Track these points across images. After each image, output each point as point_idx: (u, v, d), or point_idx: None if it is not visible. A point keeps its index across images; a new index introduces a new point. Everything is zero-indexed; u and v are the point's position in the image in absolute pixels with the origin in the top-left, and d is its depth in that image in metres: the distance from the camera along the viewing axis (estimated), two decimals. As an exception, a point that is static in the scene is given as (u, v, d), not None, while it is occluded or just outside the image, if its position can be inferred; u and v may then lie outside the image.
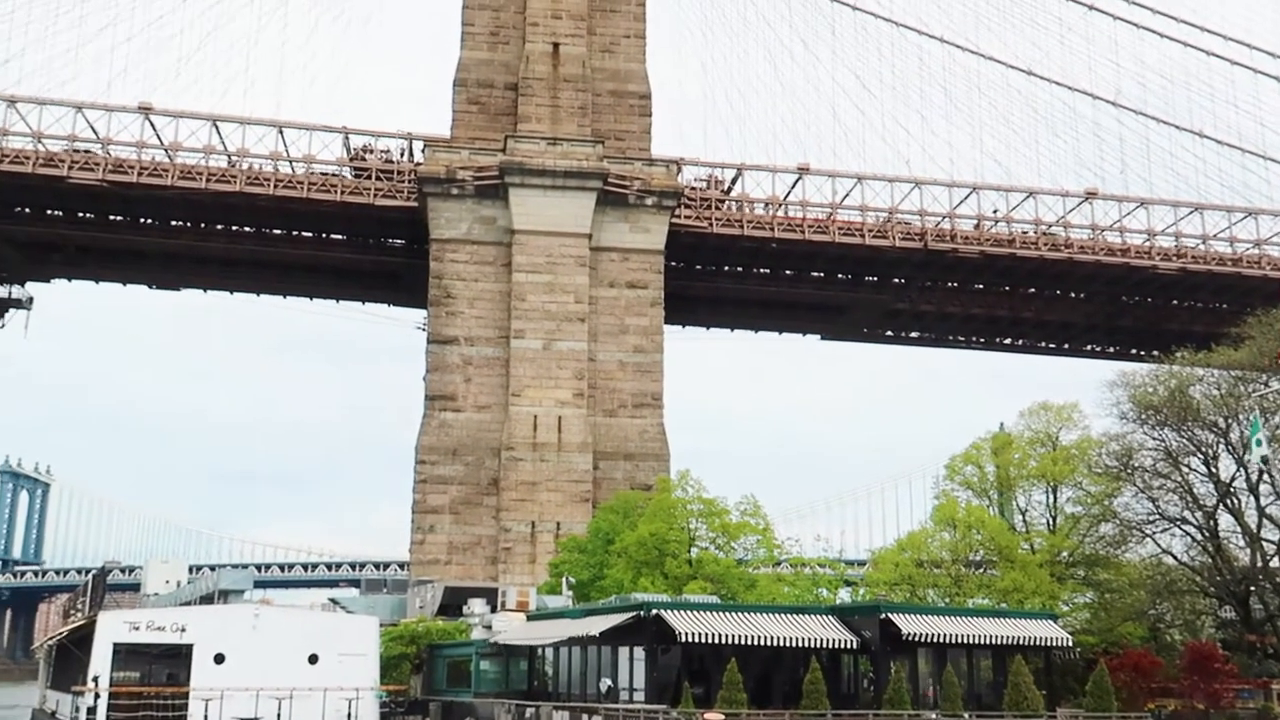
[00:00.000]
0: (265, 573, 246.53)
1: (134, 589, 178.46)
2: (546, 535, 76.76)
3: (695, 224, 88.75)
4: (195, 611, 41.52)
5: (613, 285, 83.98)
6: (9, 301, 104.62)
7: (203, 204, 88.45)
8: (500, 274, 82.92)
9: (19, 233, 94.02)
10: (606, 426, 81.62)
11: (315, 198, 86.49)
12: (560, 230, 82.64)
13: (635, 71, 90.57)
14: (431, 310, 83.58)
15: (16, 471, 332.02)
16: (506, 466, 78.90)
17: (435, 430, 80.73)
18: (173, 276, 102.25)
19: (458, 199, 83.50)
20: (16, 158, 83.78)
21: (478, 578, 74.62)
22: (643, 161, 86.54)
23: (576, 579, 57.37)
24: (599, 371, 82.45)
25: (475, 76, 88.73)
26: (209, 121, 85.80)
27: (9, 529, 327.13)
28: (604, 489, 78.20)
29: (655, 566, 55.11)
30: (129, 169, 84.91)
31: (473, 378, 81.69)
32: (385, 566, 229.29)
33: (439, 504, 79.26)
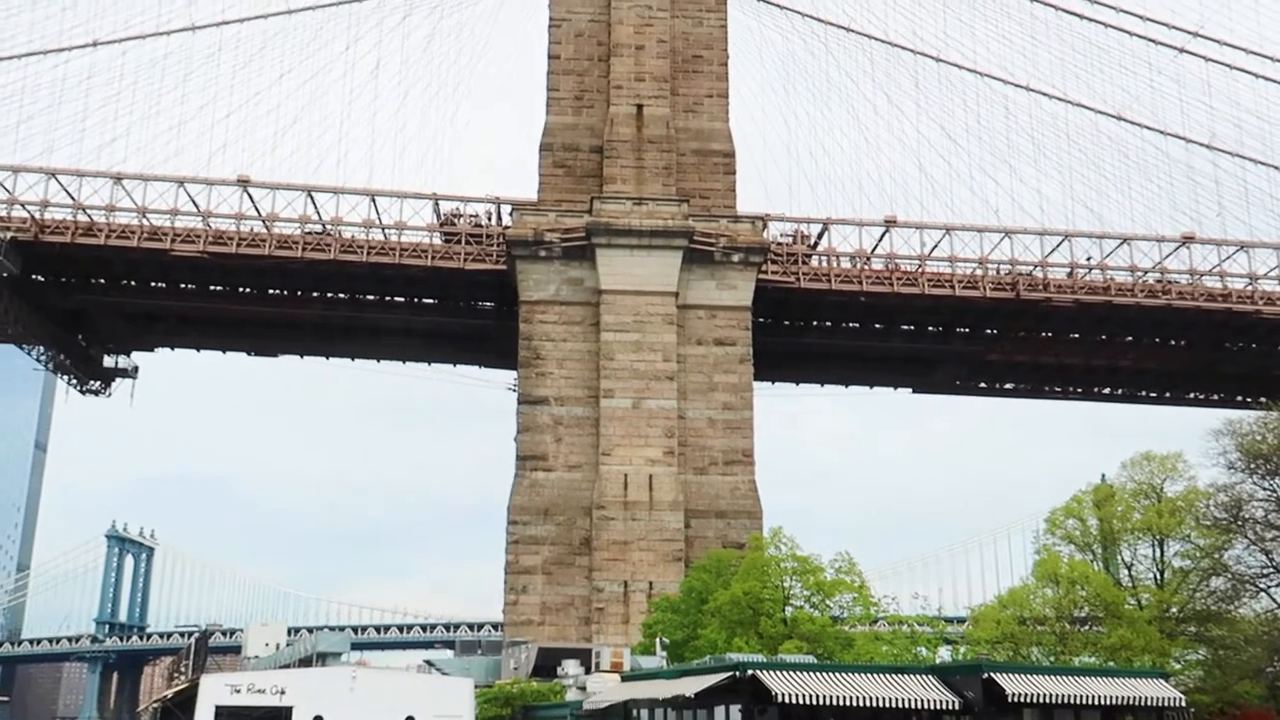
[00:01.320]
0: (362, 635, 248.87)
1: (235, 651, 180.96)
2: (639, 595, 76.29)
3: (782, 279, 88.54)
4: (294, 674, 41.91)
5: (701, 343, 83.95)
6: (116, 371, 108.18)
7: (299, 272, 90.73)
8: (589, 334, 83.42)
9: (125, 304, 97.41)
10: (698, 484, 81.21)
11: (407, 263, 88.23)
12: (647, 289, 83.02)
13: (718, 130, 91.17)
14: (521, 371, 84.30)
15: (123, 536, 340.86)
16: (598, 526, 78.79)
17: (527, 490, 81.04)
18: (270, 343, 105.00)
19: (545, 261, 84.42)
20: (123, 232, 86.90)
21: (571, 638, 74.37)
22: (728, 219, 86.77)
23: (670, 639, 56.84)
24: (689, 429, 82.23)
25: (561, 140, 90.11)
26: (304, 192, 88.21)
27: (115, 593, 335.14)
28: (696, 547, 77.65)
29: (750, 626, 54.40)
30: (228, 240, 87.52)
31: (563, 437, 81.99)
32: (479, 627, 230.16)
33: (532, 564, 79.35)
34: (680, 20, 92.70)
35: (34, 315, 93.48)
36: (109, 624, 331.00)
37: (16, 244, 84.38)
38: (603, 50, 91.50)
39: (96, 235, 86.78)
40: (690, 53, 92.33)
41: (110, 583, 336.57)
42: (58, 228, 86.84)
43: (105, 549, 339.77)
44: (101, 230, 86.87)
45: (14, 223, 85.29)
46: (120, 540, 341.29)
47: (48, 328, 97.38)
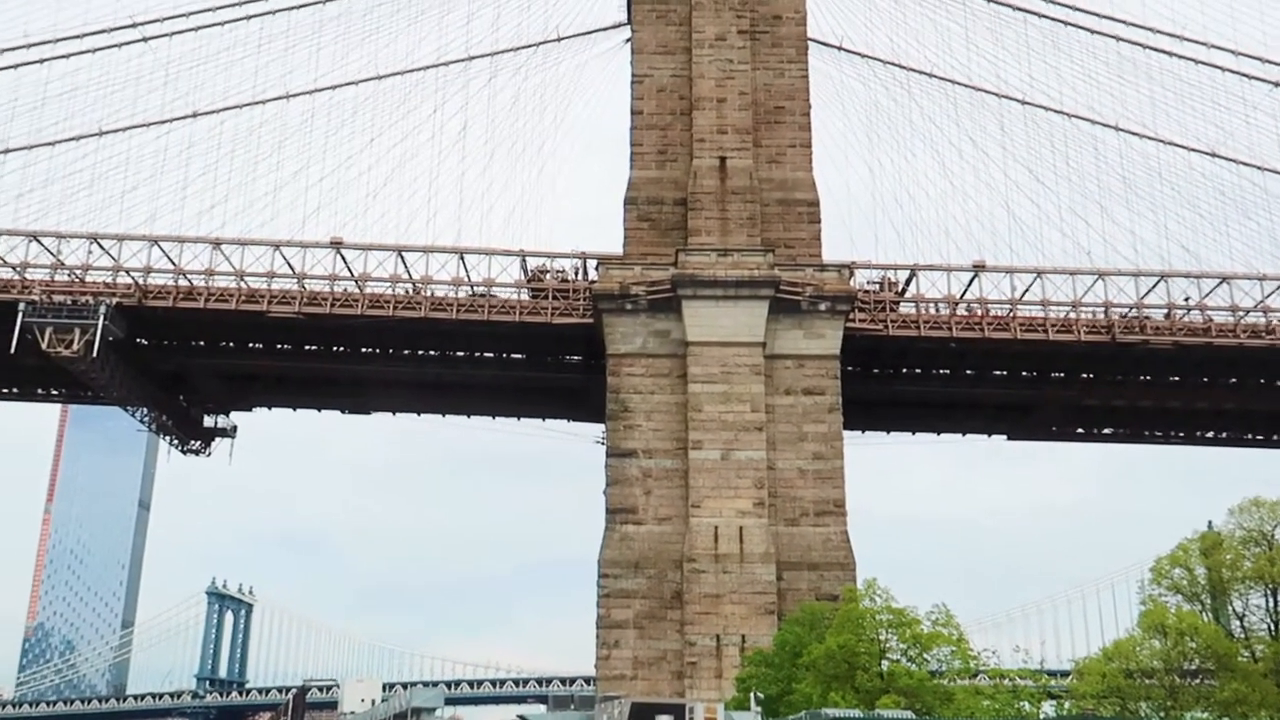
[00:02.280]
0: (455, 689, 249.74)
1: (331, 707, 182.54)
2: (732, 649, 75.39)
3: (870, 327, 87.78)
4: (389, 730, 42.09)
5: (789, 393, 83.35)
6: (215, 430, 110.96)
7: (391, 330, 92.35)
8: (676, 386, 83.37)
9: (224, 365, 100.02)
10: (789, 536, 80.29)
11: (495, 319, 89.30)
12: (734, 340, 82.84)
13: (802, 179, 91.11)
14: (610, 424, 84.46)
15: (222, 593, 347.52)
16: (689, 579, 78.21)
17: (617, 544, 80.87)
18: (364, 401, 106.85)
19: (632, 314, 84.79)
20: (222, 296, 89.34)
21: (664, 693, 73.72)
22: (814, 267, 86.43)
23: (764, 693, 56.06)
24: (779, 480, 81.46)
25: (645, 194, 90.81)
26: (395, 252, 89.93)
27: (216, 648, 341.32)
28: (789, 600, 76.64)
29: (845, 680, 53.41)
30: (322, 301, 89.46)
31: (652, 490, 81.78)
32: (571, 681, 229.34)
33: (623, 618, 78.95)
34: (761, 72, 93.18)
35: (137, 378, 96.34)
36: (210, 679, 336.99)
37: (122, 309, 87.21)
38: (685, 104, 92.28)
39: (196, 299, 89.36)
40: (772, 104, 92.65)
41: (211, 639, 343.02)
42: (160, 293, 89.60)
43: (206, 605, 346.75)
44: (201, 294, 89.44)
45: (119, 289, 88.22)
46: (220, 597, 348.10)
47: (150, 389, 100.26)
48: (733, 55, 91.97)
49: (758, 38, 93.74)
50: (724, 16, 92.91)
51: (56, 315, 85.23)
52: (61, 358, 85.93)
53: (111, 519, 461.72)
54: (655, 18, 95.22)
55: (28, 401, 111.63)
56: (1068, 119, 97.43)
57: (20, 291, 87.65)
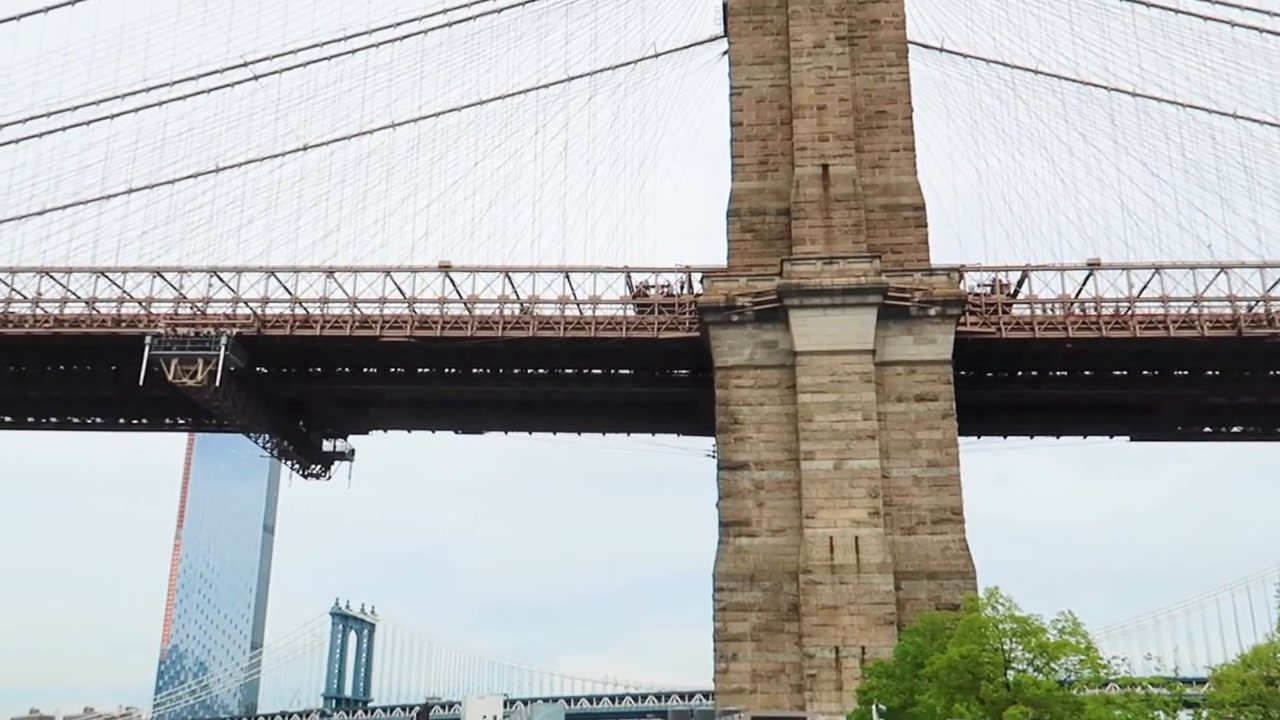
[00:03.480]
0: (575, 705, 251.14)
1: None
2: (852, 660, 74.43)
3: (982, 330, 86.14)
4: (512, 746, 42.50)
5: (901, 400, 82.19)
6: (334, 454, 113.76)
7: (500, 351, 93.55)
8: (785, 396, 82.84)
9: (340, 391, 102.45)
10: (906, 545, 79.08)
11: (602, 336, 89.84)
12: (843, 348, 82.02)
13: (907, 184, 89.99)
14: (720, 437, 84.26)
15: (345, 613, 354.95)
16: (805, 591, 77.51)
17: (731, 557, 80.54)
18: (476, 421, 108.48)
19: (738, 325, 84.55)
20: (336, 323, 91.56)
21: (784, 706, 73.13)
22: (922, 272, 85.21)
23: (886, 705, 55.26)
24: (893, 489, 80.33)
25: (748, 205, 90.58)
26: (502, 273, 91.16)
27: (340, 668, 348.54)
28: (908, 610, 75.41)
29: (970, 691, 52.35)
30: (433, 324, 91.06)
31: (765, 502, 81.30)
32: (690, 696, 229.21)
33: (740, 631, 78.53)
34: (862, 77, 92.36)
35: (259, 405, 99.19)
36: (336, 698, 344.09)
37: (242, 339, 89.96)
38: (785, 114, 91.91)
39: (312, 327, 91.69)
40: (873, 109, 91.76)
41: (335, 658, 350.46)
42: (277, 322, 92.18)
43: (330, 626, 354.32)
44: (317, 322, 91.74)
45: (239, 320, 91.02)
46: (344, 617, 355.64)
47: (271, 416, 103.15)
48: (831, 62, 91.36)
49: (856, 43, 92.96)
50: (821, 24, 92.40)
51: (181, 347, 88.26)
52: (187, 388, 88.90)
53: (238, 543, 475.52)
54: (752, 29, 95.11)
55: (157, 431, 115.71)
56: (1182, 109, 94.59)
57: (146, 325, 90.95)
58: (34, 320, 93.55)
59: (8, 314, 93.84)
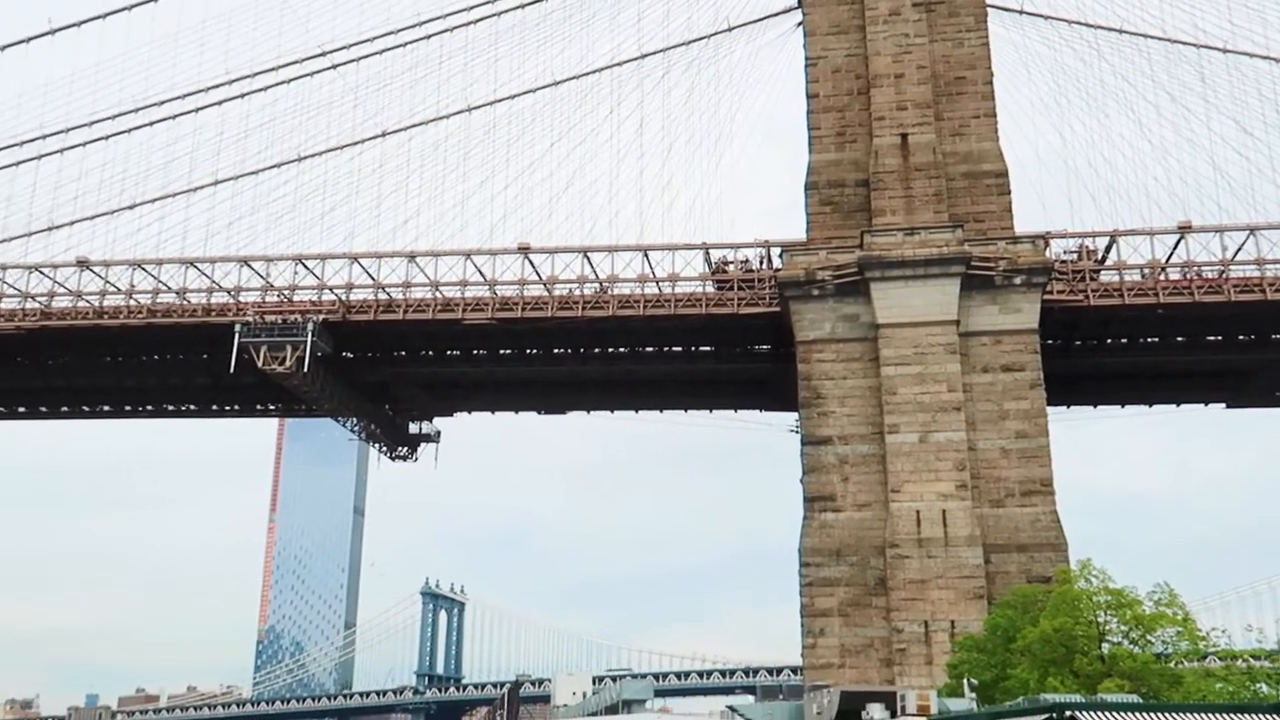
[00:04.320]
0: (663, 681, 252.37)
1: (544, 700, 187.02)
2: (941, 635, 73.76)
3: (1069, 298, 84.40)
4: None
5: (986, 370, 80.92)
6: (420, 437, 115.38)
7: (580, 331, 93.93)
8: (868, 370, 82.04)
9: (424, 374, 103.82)
10: (994, 518, 77.97)
11: (682, 313, 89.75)
12: (926, 320, 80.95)
13: (988, 150, 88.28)
14: (803, 412, 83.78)
15: (435, 593, 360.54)
16: (892, 565, 76.90)
17: (817, 532, 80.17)
18: (558, 401, 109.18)
19: (819, 299, 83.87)
20: (419, 306, 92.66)
21: (873, 681, 72.74)
22: (1006, 240, 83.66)
23: (977, 680, 54.63)
24: (980, 461, 79.21)
25: (826, 177, 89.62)
26: (580, 253, 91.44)
27: (432, 646, 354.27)
28: (998, 583, 74.47)
29: (1063, 665, 51.58)
30: (513, 306, 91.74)
31: (850, 476, 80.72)
32: (778, 672, 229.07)
33: (827, 607, 78.24)
34: (940, 44, 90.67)
35: (346, 390, 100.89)
36: (428, 676, 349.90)
37: (328, 325, 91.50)
38: (862, 83, 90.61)
39: (395, 311, 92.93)
40: (952, 75, 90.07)
41: (427, 637, 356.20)
42: (361, 307, 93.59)
43: (421, 605, 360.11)
44: (399, 306, 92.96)
45: (324, 306, 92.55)
46: (434, 596, 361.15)
47: (358, 400, 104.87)
48: (908, 29, 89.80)
49: (933, 9, 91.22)
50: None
51: (269, 334, 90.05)
52: (276, 374, 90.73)
53: (330, 526, 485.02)
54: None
55: (248, 417, 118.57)
56: (1276, 64, 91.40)
57: (235, 314, 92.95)
58: (128, 311, 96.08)
59: (103, 306, 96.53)
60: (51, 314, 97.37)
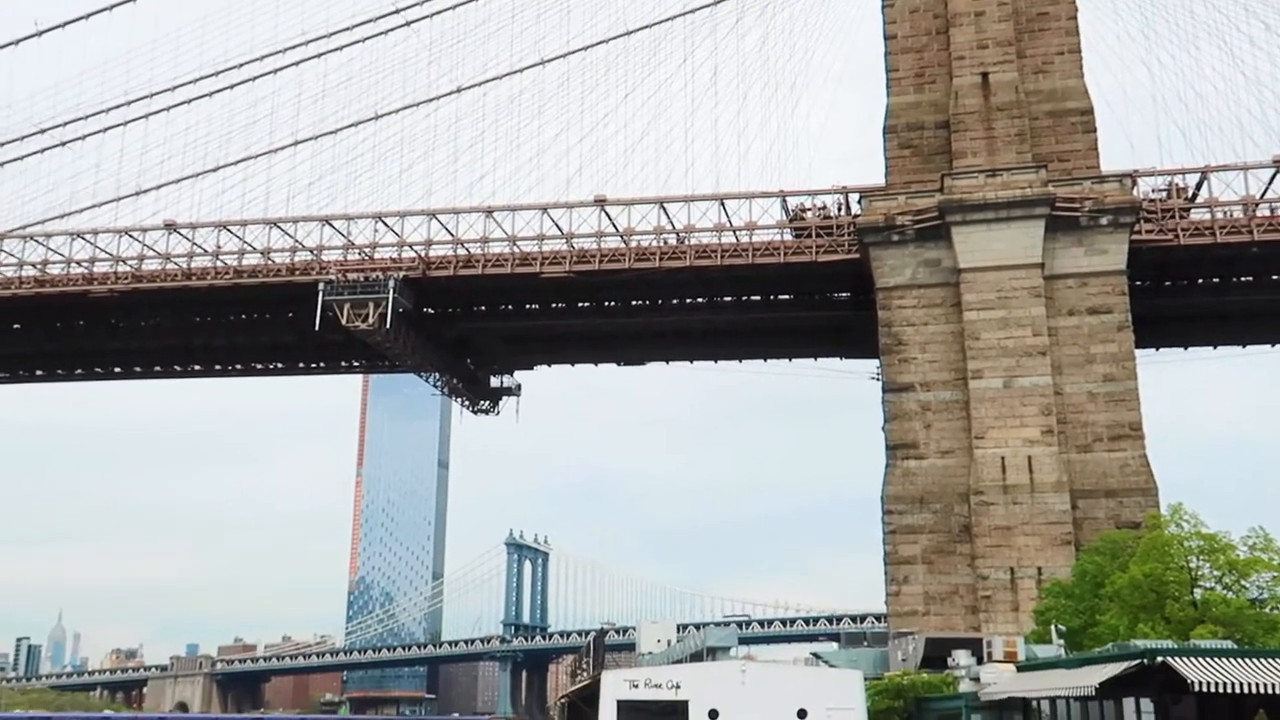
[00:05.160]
0: (746, 629, 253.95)
1: (629, 649, 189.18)
2: (1028, 581, 73.09)
3: (1158, 238, 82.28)
4: (688, 669, 43.13)
5: (1072, 313, 79.34)
6: (501, 390, 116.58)
7: (658, 282, 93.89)
8: (950, 315, 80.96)
9: (504, 328, 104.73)
10: (1081, 463, 76.77)
11: (760, 262, 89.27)
12: (1009, 263, 79.52)
13: (1073, 88, 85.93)
14: (884, 359, 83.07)
15: (520, 543, 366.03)
16: (977, 512, 76.24)
17: (900, 479, 79.70)
18: (637, 352, 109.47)
19: (899, 245, 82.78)
20: (497, 261, 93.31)
21: (958, 628, 72.37)
22: (1092, 180, 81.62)
23: (1066, 626, 54.08)
24: (1067, 405, 77.91)
25: (905, 120, 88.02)
26: (656, 204, 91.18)
27: (518, 596, 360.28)
28: (1085, 529, 73.47)
29: (1154, 611, 50.78)
30: (591, 258, 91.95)
31: (932, 423, 79.97)
32: (861, 619, 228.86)
33: (910, 554, 77.92)
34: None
35: (428, 345, 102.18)
36: (514, 625, 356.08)
37: (408, 281, 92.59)
38: (940, 23, 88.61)
39: (474, 266, 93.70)
40: (1034, 11, 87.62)
41: (512, 587, 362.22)
42: (441, 263, 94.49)
43: (506, 556, 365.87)
44: (478, 261, 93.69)
45: (405, 263, 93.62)
46: (518, 547, 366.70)
47: (440, 355, 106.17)
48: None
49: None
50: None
51: (352, 291, 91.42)
52: (359, 331, 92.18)
53: (415, 479, 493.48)
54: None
55: (334, 374, 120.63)
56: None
57: (319, 272, 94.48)
58: (215, 272, 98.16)
59: (191, 268, 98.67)
60: (142, 276, 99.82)
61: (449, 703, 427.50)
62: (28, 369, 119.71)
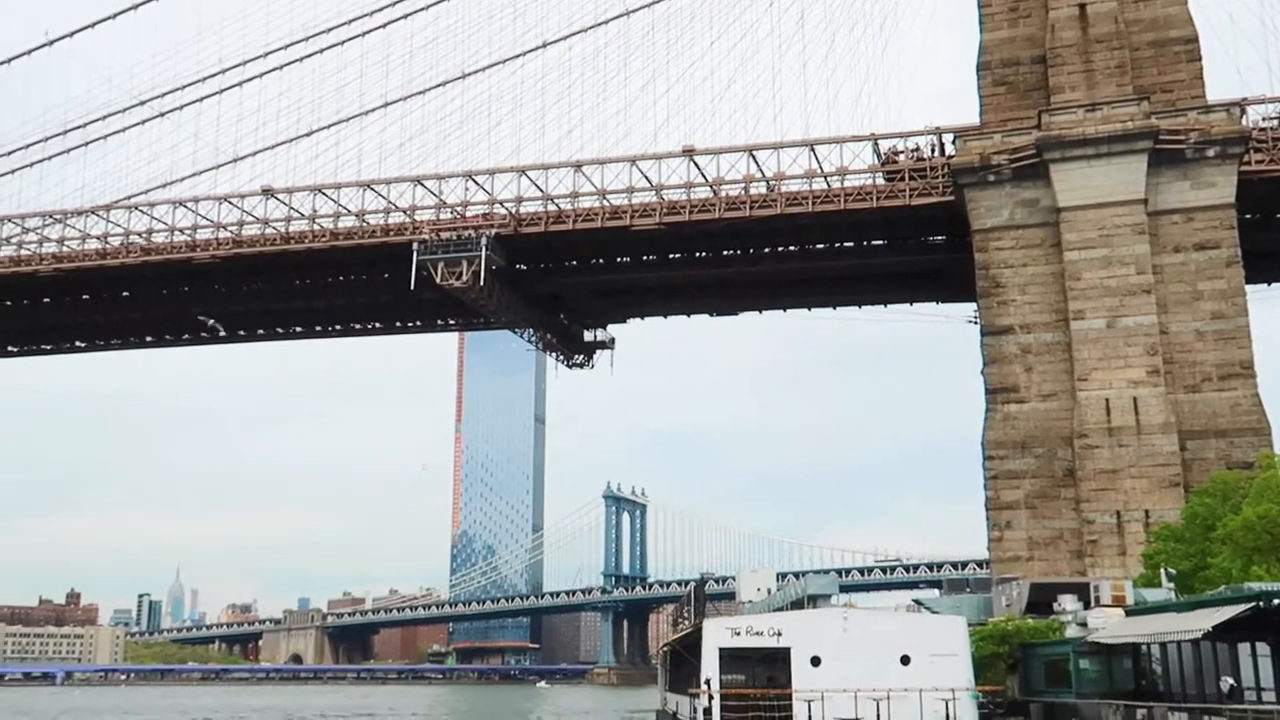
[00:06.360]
0: (845, 577, 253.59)
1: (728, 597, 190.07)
2: (1135, 525, 71.64)
3: (1269, 168, 79.14)
4: (789, 616, 43.19)
5: (1178, 250, 76.89)
6: (595, 344, 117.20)
7: (749, 231, 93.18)
8: (1050, 255, 79.06)
9: (596, 282, 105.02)
10: (1190, 403, 74.70)
11: (852, 208, 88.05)
12: (1110, 200, 77.24)
13: (1176, 15, 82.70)
14: (982, 302, 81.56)
15: (618, 496, 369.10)
16: (1081, 455, 74.75)
17: (1000, 424, 78.43)
18: (730, 302, 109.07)
19: (995, 185, 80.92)
20: (587, 215, 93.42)
21: (1063, 573, 71.28)
22: (1197, 110, 78.67)
23: (1176, 569, 52.98)
24: (1173, 344, 75.74)
25: (999, 57, 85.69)
26: (745, 152, 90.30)
27: (617, 547, 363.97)
28: (1195, 470, 71.62)
29: (1268, 553, 49.49)
30: (680, 209, 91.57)
31: (1033, 366, 78.42)
32: (963, 566, 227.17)
33: (1013, 499, 76.80)
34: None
35: (521, 301, 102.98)
36: (614, 576, 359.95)
37: (500, 238, 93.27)
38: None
39: (565, 222, 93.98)
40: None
41: (611, 539, 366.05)
42: (532, 219, 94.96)
43: (603, 508, 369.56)
44: (569, 216, 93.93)
45: (496, 220, 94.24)
46: (616, 499, 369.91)
47: (533, 311, 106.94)
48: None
49: None
50: None
51: (445, 250, 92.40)
52: (454, 288, 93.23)
53: (513, 434, 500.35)
54: None
55: (429, 332, 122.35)
56: None
57: (412, 232, 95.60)
58: (312, 235, 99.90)
59: (289, 232, 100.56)
60: (242, 242, 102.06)
61: (552, 652, 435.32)
62: (137, 335, 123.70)
